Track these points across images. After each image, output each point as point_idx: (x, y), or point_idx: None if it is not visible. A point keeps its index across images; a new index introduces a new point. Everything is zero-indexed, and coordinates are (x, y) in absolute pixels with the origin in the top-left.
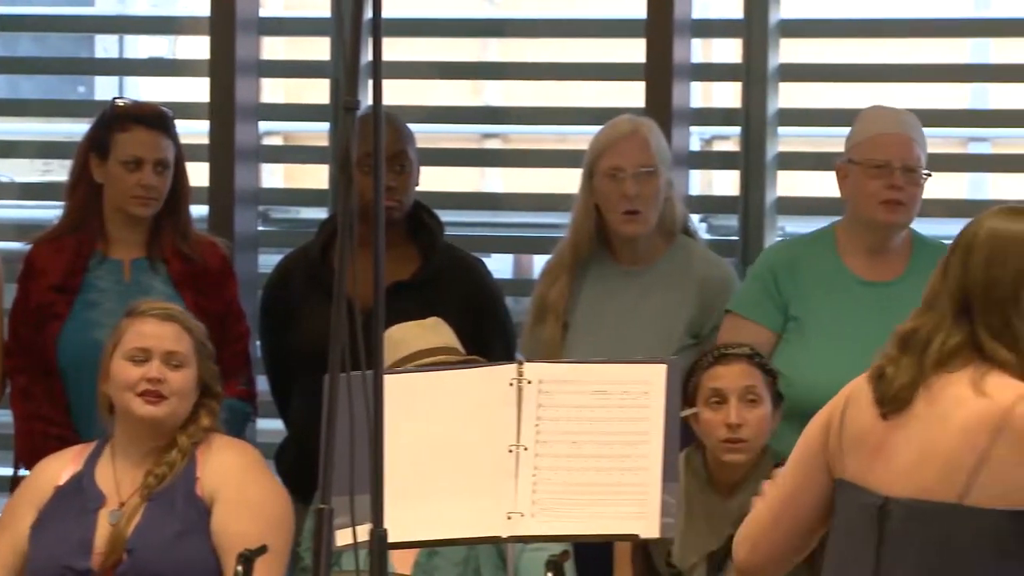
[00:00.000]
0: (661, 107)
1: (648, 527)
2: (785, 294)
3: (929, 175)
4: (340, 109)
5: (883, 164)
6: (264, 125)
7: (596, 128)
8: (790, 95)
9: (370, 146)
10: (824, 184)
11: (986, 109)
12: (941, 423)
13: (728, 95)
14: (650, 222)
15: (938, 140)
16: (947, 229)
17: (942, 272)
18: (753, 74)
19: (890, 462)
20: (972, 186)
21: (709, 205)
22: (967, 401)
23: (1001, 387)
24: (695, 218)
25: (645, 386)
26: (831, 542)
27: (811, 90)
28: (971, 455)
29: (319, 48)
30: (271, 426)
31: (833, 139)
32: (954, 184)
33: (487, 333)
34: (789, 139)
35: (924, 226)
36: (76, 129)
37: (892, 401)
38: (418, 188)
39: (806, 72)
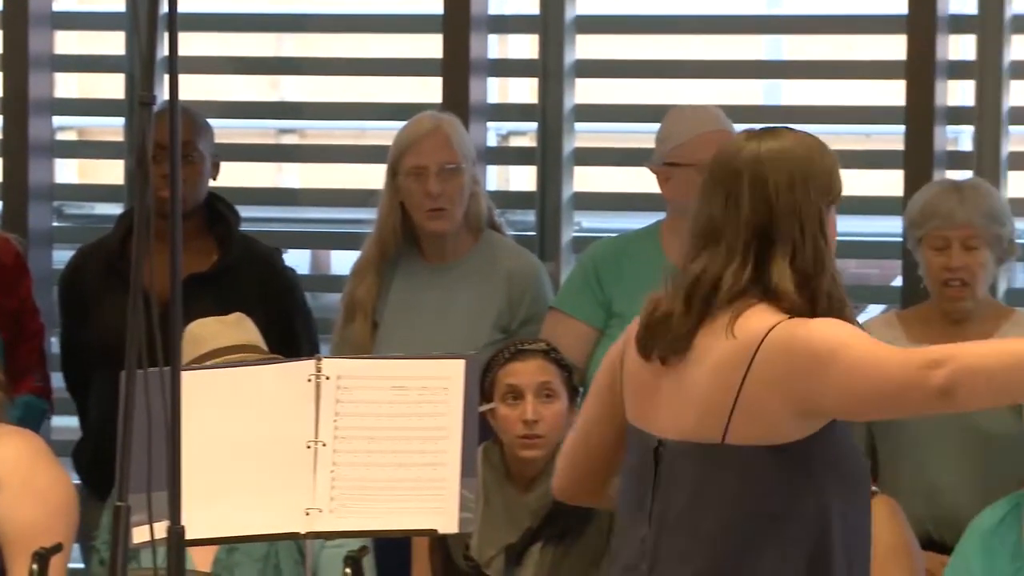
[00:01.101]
0: (458, 103)
1: (446, 522)
2: (608, 290)
3: None
4: (135, 104)
5: (698, 164)
6: (58, 120)
7: (394, 123)
8: (586, 91)
9: (162, 139)
10: (621, 179)
11: (779, 105)
12: (698, 365)
13: (525, 91)
14: (456, 219)
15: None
16: None
17: (723, 204)
18: (549, 70)
19: (662, 405)
20: None
21: (506, 201)
22: (719, 342)
23: (754, 323)
24: None
25: (444, 382)
26: (622, 481)
27: (607, 86)
28: (727, 395)
29: (113, 42)
30: (68, 423)
31: (629, 135)
32: None
33: (290, 321)
34: (585, 135)
35: None
36: None
37: (670, 348)
38: (215, 184)
39: (602, 68)
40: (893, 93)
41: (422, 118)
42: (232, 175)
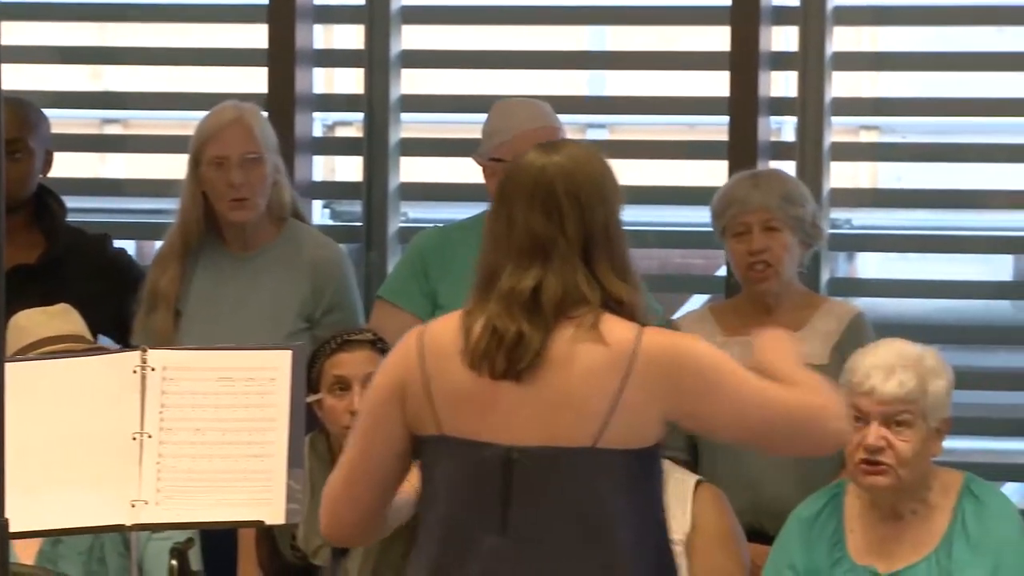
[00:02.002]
0: (284, 93)
1: (273, 513)
2: (433, 281)
3: None
4: None
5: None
6: None
7: None
8: (412, 81)
9: None
10: (447, 170)
11: (604, 96)
12: (561, 372)
13: (351, 81)
14: (258, 208)
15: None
16: None
17: (545, 219)
18: (375, 60)
19: (506, 414)
20: None
21: (332, 191)
22: (587, 348)
23: (618, 330)
24: (318, 204)
25: (271, 372)
26: (436, 499)
27: (433, 76)
28: (603, 400)
29: None
30: None
31: (455, 125)
32: None
33: (127, 304)
34: (411, 125)
35: None
36: None
37: (526, 364)
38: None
39: (428, 58)
40: (717, 84)
41: (224, 108)
42: (56, 165)
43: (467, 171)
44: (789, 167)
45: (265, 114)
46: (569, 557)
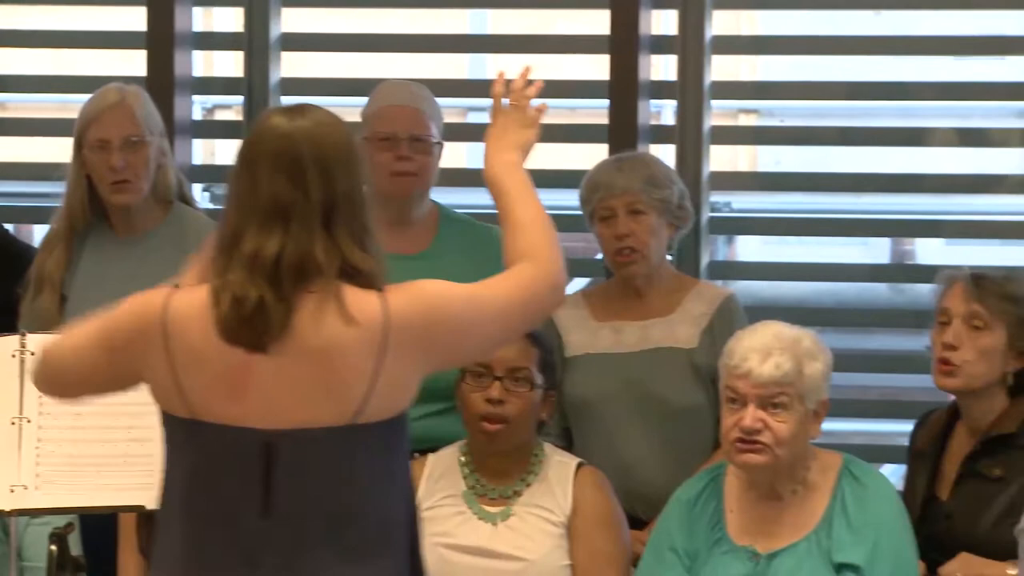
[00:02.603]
0: (163, 76)
1: (153, 498)
2: None
3: (442, 144)
4: None
5: (389, 136)
6: None
7: None
8: (292, 64)
9: None
10: None
11: (485, 79)
12: (312, 353)
13: (230, 64)
14: (141, 191)
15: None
16: (456, 198)
17: (290, 183)
18: (255, 43)
19: (267, 396)
20: (472, 155)
21: (212, 175)
22: (342, 327)
23: (364, 304)
24: (198, 187)
25: None
26: (193, 482)
27: (313, 59)
28: (362, 380)
29: None
30: None
31: (336, 108)
32: (455, 153)
33: (13, 289)
34: None
35: (441, 195)
36: None
37: (270, 335)
38: None
39: (308, 41)
40: (597, 67)
41: (107, 90)
42: None
43: None
44: (669, 150)
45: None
46: (331, 536)
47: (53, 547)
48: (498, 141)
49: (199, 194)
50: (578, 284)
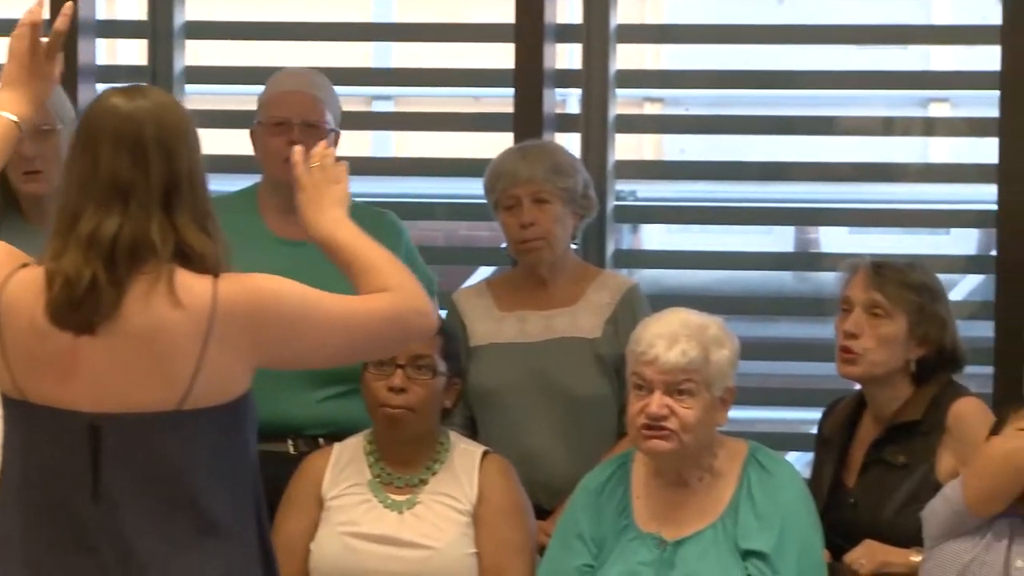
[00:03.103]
0: (67, 64)
1: None
2: None
3: (337, 132)
4: None
5: (282, 121)
6: None
7: None
8: (196, 52)
9: None
10: (232, 142)
11: (389, 68)
12: (139, 336)
13: (134, 52)
14: (52, 180)
15: (342, 99)
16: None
17: (130, 162)
18: (159, 31)
19: (94, 379)
20: (376, 144)
21: None
22: (163, 312)
23: (195, 287)
24: None
25: None
26: (23, 465)
27: (217, 47)
28: (187, 364)
29: None
30: None
31: (239, 97)
32: (359, 142)
33: None
34: (196, 96)
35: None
36: None
37: (99, 316)
38: None
39: (212, 30)
40: (502, 56)
41: None
42: None
43: (250, 143)
44: (574, 139)
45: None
46: (163, 521)
47: None
48: (316, 204)
49: None
50: (483, 273)
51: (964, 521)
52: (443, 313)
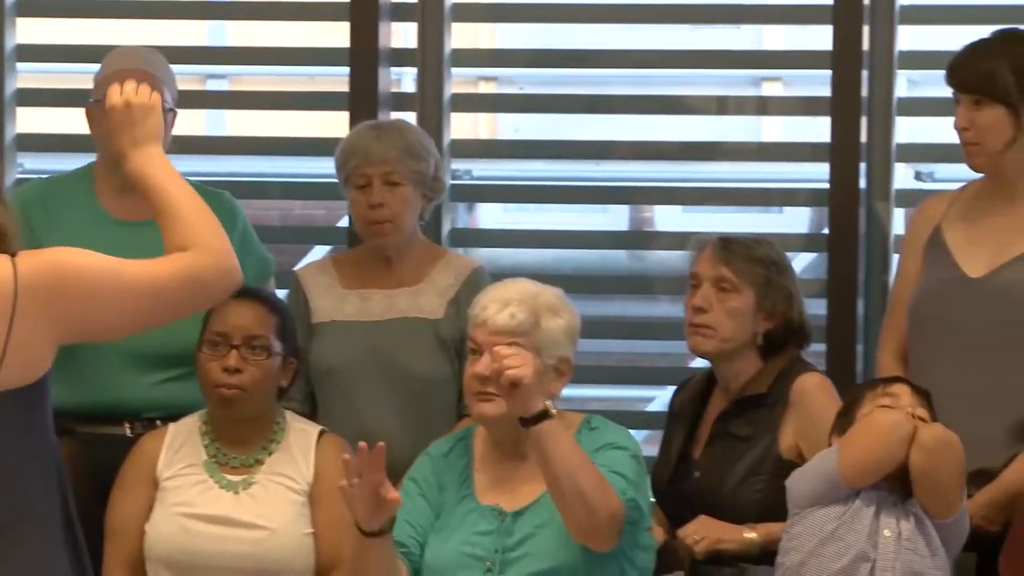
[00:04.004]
0: None
1: None
2: (38, 235)
3: (174, 111)
4: None
5: None
6: None
7: None
8: (29, 30)
9: None
10: (64, 121)
11: (223, 46)
12: None
13: None
14: None
15: (177, 77)
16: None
17: None
18: None
19: None
20: (210, 122)
21: None
22: None
23: None
24: None
25: None
26: None
27: (51, 25)
28: None
29: None
30: None
31: (75, 75)
32: (193, 121)
33: None
34: (29, 75)
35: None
36: None
37: None
38: None
39: (45, 7)
40: (337, 34)
41: None
42: None
43: (85, 122)
44: (409, 118)
45: None
46: None
47: None
48: (129, 134)
49: None
50: (319, 252)
51: (836, 490)
52: (281, 292)
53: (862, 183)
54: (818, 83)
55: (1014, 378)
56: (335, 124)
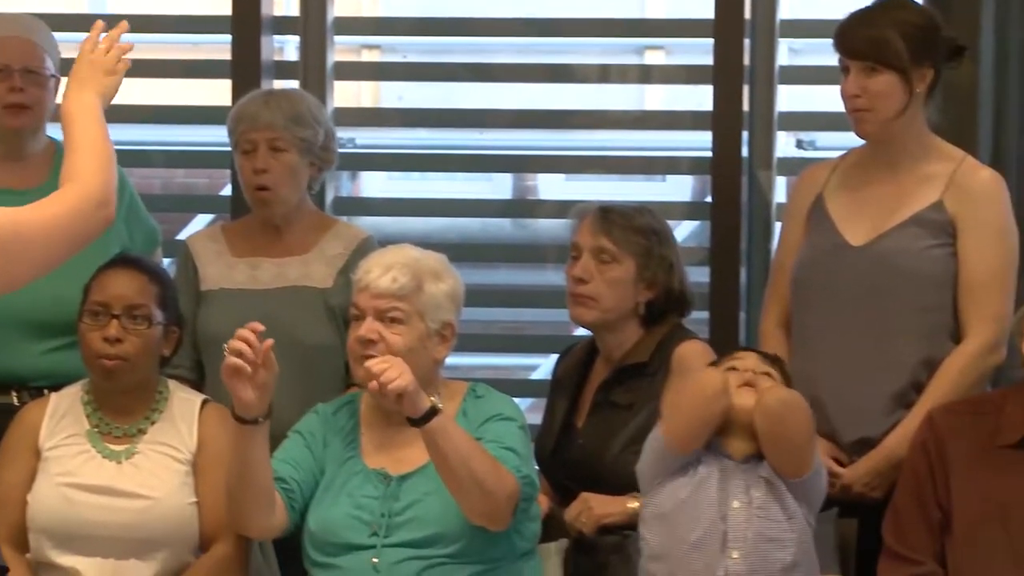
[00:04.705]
0: None
1: None
2: None
3: (58, 78)
4: None
5: (2, 68)
6: None
7: None
8: None
9: None
10: None
11: (104, 14)
12: None
13: None
14: None
15: (59, 45)
16: None
17: None
18: None
19: None
20: None
21: None
22: None
23: None
24: None
25: None
26: None
27: None
28: None
29: None
30: None
31: None
32: None
33: None
34: None
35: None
36: None
37: None
38: None
39: None
40: (219, 2)
41: None
42: None
43: None
44: (293, 86)
45: None
46: None
47: None
48: (80, 83)
49: None
50: (203, 220)
51: (666, 459)
52: (167, 261)
53: (744, 151)
54: (700, 52)
55: (893, 347)
56: (218, 92)
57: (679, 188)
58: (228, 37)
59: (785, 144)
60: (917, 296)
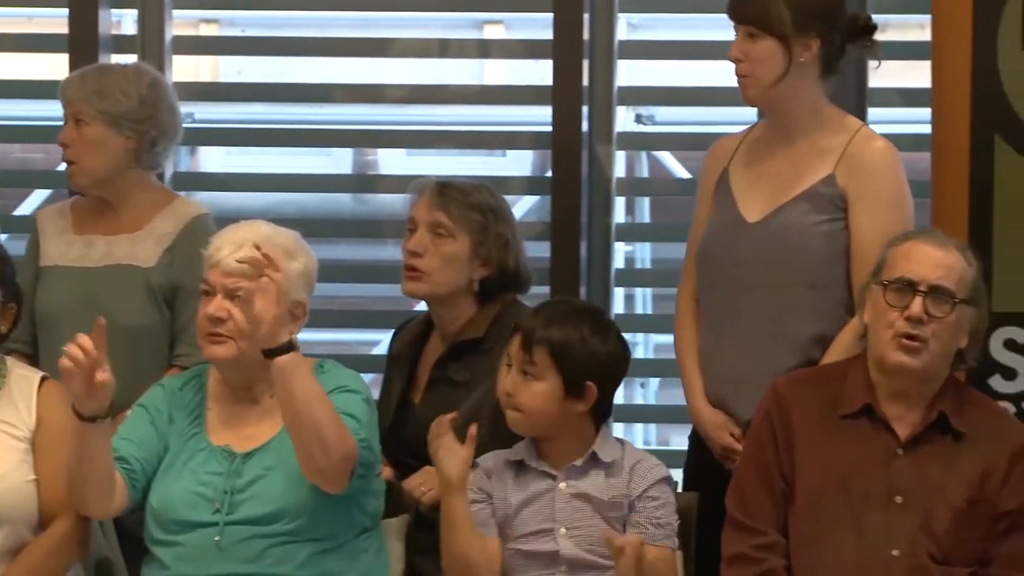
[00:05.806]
0: None
1: None
2: None
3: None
4: None
5: None
6: None
7: None
8: None
9: None
10: None
11: None
12: None
13: None
14: None
15: None
16: None
17: None
18: None
19: None
20: None
21: None
22: None
23: None
24: None
25: None
26: None
27: None
28: None
29: None
30: None
31: None
32: None
33: None
34: None
35: None
36: None
37: None
38: None
39: None
40: None
41: None
42: None
43: None
44: (131, 61)
45: None
46: None
47: None
48: None
49: None
50: (40, 196)
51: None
52: (3, 237)
53: (584, 126)
54: (540, 26)
55: (787, 324)
56: (55, 66)
57: (520, 163)
58: (65, 11)
59: (624, 119)
60: (807, 273)
